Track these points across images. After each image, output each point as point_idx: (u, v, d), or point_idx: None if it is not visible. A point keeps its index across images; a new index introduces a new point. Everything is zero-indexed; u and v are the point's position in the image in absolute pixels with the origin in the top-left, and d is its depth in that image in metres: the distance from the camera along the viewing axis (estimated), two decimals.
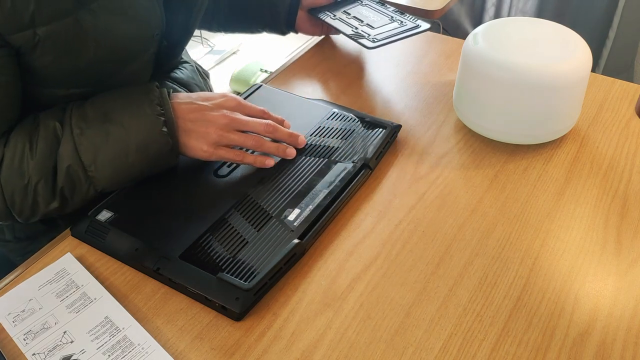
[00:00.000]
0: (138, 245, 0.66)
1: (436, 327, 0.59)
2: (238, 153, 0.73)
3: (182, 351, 0.58)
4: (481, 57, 0.77)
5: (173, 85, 0.89)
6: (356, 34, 0.90)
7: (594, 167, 0.77)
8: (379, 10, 0.96)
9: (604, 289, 0.62)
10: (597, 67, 2.24)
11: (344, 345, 0.58)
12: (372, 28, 0.91)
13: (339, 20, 0.94)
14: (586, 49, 0.77)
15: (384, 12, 0.95)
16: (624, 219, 0.70)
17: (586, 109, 0.87)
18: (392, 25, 0.91)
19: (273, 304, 0.62)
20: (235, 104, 0.74)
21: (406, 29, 0.90)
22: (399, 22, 0.91)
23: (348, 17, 0.95)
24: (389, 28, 0.90)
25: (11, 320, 0.61)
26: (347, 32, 0.91)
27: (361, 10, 0.96)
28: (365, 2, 0.98)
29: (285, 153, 0.75)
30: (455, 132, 0.84)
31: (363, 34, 0.89)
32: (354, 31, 0.90)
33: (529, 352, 0.57)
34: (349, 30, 0.91)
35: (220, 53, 2.75)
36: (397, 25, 0.91)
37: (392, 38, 0.88)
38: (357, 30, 0.90)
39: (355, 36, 0.89)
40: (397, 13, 0.95)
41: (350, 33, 0.90)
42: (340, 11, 0.96)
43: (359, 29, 0.91)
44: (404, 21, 0.92)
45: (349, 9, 0.97)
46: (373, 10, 0.96)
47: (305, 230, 0.66)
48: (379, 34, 0.89)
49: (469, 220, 0.71)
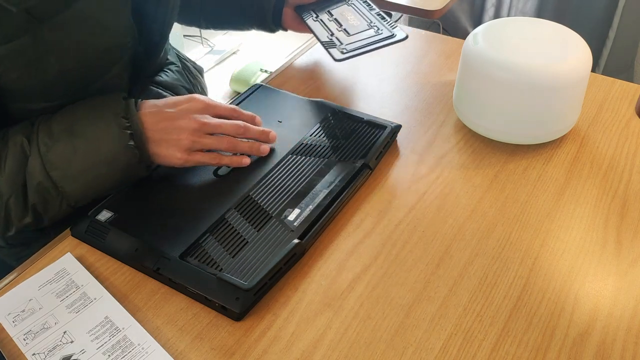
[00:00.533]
0: (138, 245, 0.66)
1: (436, 327, 0.59)
2: (214, 156, 0.73)
3: (182, 351, 0.58)
4: (481, 57, 0.77)
5: (157, 89, 0.88)
6: (329, 42, 0.86)
7: (594, 167, 0.77)
8: (361, 12, 0.91)
9: (604, 289, 0.62)
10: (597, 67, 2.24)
11: (344, 345, 0.58)
12: (347, 35, 0.86)
13: (319, 22, 0.91)
14: (586, 49, 0.77)
15: (365, 16, 0.90)
16: (624, 219, 0.70)
17: (586, 109, 0.87)
18: (368, 32, 0.86)
19: (273, 304, 0.62)
20: (203, 106, 0.73)
21: (380, 38, 0.84)
22: (375, 29, 0.86)
23: (329, 19, 0.90)
24: (364, 36, 0.85)
25: (11, 320, 0.61)
26: (321, 39, 0.87)
27: (344, 12, 0.92)
28: (351, 2, 0.94)
29: (259, 151, 0.75)
30: (455, 132, 0.84)
31: (335, 42, 0.85)
32: (329, 38, 0.86)
33: (529, 352, 0.57)
34: (325, 37, 0.87)
35: (220, 53, 2.75)
36: (372, 33, 0.85)
37: (363, 49, 0.83)
38: (331, 37, 0.86)
39: (327, 45, 0.85)
40: (378, 17, 0.89)
41: (324, 40, 0.87)
42: (325, 11, 0.93)
43: (335, 35, 0.87)
44: (381, 28, 0.86)
45: (333, 9, 0.93)
46: (356, 12, 0.91)
47: (305, 230, 0.66)
48: (350, 43, 0.84)
49: (469, 220, 0.71)
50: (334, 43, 0.85)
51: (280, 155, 0.77)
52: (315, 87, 0.95)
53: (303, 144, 0.78)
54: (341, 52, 0.81)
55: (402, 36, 0.82)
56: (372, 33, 0.85)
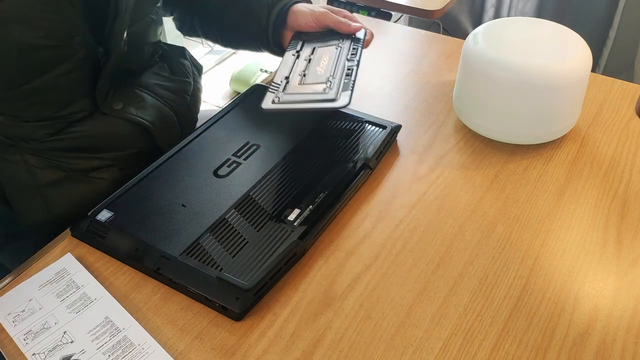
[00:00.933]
0: (138, 245, 0.66)
1: (436, 327, 0.59)
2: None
3: (182, 351, 0.58)
4: (481, 57, 0.77)
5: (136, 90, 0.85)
6: (276, 85, 0.77)
7: (594, 167, 0.77)
8: (338, 59, 0.81)
9: (604, 289, 0.62)
10: (597, 67, 2.24)
11: (344, 345, 0.58)
12: (299, 83, 0.77)
13: (295, 57, 0.83)
14: (586, 49, 0.77)
15: (336, 65, 0.80)
16: (624, 219, 0.70)
17: (586, 109, 0.87)
18: (317, 87, 0.76)
19: (273, 304, 0.62)
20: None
21: (320, 99, 0.73)
22: (327, 85, 0.75)
23: (307, 57, 0.82)
24: (310, 90, 0.76)
25: (11, 320, 0.61)
26: (274, 79, 0.79)
27: (326, 53, 0.83)
28: (343, 42, 0.84)
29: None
30: (455, 132, 0.84)
31: (279, 87, 0.76)
32: (282, 80, 0.78)
33: (529, 352, 0.57)
34: (280, 76, 0.79)
35: (220, 53, 2.75)
36: (320, 89, 0.75)
37: (294, 105, 0.74)
38: (285, 79, 0.78)
39: (271, 88, 0.77)
40: (344, 71, 0.77)
41: (275, 82, 0.78)
42: (312, 45, 0.85)
43: (290, 77, 0.78)
44: (333, 87, 0.75)
45: (320, 46, 0.85)
46: (335, 56, 0.82)
47: (305, 230, 0.66)
48: (291, 94, 0.75)
49: (469, 221, 0.71)
50: (277, 87, 0.76)
51: (280, 155, 0.77)
52: None
53: (303, 144, 0.78)
54: (272, 102, 0.74)
55: (343, 104, 0.71)
56: (319, 89, 0.75)
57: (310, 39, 0.87)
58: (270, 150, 0.77)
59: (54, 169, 0.77)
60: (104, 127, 0.79)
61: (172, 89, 0.90)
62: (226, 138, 0.80)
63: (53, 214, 0.77)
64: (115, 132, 0.80)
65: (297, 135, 0.80)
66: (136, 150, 0.82)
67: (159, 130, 0.83)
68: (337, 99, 0.71)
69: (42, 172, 0.76)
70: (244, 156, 0.77)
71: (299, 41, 0.86)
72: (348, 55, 0.80)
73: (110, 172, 0.80)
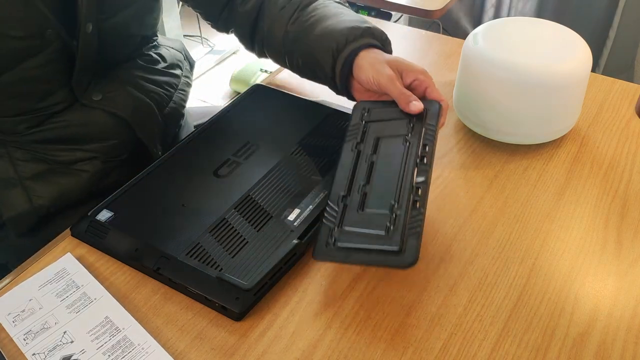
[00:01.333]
0: (138, 245, 0.66)
1: (436, 327, 0.59)
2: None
3: (182, 351, 0.58)
4: (481, 57, 0.77)
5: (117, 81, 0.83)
6: (332, 212, 0.63)
7: (594, 167, 0.77)
8: (403, 167, 0.64)
9: (604, 289, 0.62)
10: (597, 67, 2.24)
11: (344, 345, 0.58)
12: (358, 210, 0.62)
13: (357, 153, 0.68)
14: (586, 49, 0.77)
15: (401, 178, 0.63)
16: (624, 219, 0.70)
17: (586, 109, 0.87)
18: (379, 221, 0.60)
19: (273, 304, 0.62)
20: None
21: (382, 248, 0.59)
22: (389, 222, 0.60)
23: (371, 154, 0.67)
24: (369, 228, 0.60)
25: (11, 320, 0.61)
26: (333, 193, 0.65)
27: (391, 153, 0.66)
28: (409, 137, 0.67)
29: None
30: (455, 132, 0.84)
31: (336, 215, 0.63)
32: (341, 200, 0.64)
33: (529, 352, 0.57)
34: (339, 191, 0.65)
35: (220, 53, 2.75)
36: (382, 227, 0.60)
37: (351, 258, 0.60)
38: (344, 198, 0.64)
39: (327, 213, 0.63)
40: (410, 203, 0.61)
41: (332, 199, 0.64)
42: (376, 134, 0.69)
43: (349, 198, 0.64)
44: (391, 227, 0.60)
45: (385, 137, 0.68)
46: (400, 164, 0.65)
47: (305, 230, 0.66)
48: (348, 232, 0.61)
49: (469, 221, 0.70)
50: (334, 216, 0.63)
51: (280, 155, 0.76)
52: (315, 87, 0.94)
53: (303, 144, 0.78)
54: (326, 244, 0.61)
55: (409, 261, 0.57)
56: (382, 229, 0.60)
57: (374, 117, 0.71)
58: (270, 150, 0.77)
59: (38, 162, 0.78)
60: (83, 117, 0.80)
61: (158, 81, 0.89)
62: (226, 138, 0.80)
63: (35, 206, 0.78)
64: (95, 122, 0.80)
65: (297, 135, 0.80)
66: (117, 141, 0.82)
67: (137, 123, 0.83)
68: (402, 251, 0.58)
69: (26, 164, 0.78)
70: (244, 156, 0.77)
71: (360, 123, 0.71)
72: (418, 155, 0.65)
73: (92, 164, 0.81)
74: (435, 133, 0.67)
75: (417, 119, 0.68)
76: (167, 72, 0.92)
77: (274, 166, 0.75)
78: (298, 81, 0.96)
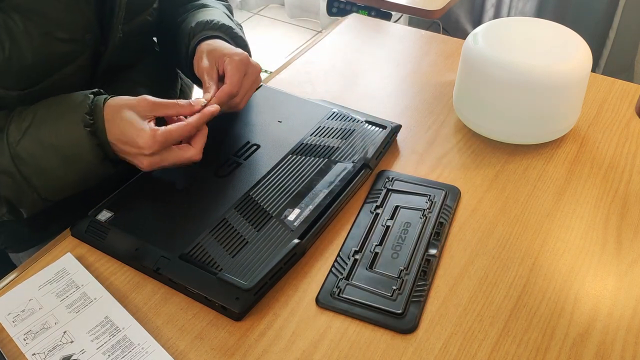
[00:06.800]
0: (138, 245, 0.66)
1: (436, 327, 0.59)
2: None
3: (182, 351, 0.58)
4: (481, 57, 0.77)
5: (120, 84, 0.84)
6: (341, 263, 0.65)
7: (594, 167, 0.77)
8: (418, 239, 0.67)
9: (604, 289, 0.62)
10: (597, 67, 2.24)
11: (344, 345, 0.58)
12: (368, 268, 0.65)
13: (375, 215, 0.70)
14: (586, 49, 0.77)
15: (414, 249, 0.66)
16: (624, 219, 0.70)
17: (586, 109, 0.87)
18: (386, 283, 0.63)
19: (273, 304, 0.62)
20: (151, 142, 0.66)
21: (383, 308, 0.61)
22: (396, 286, 0.62)
23: (388, 220, 0.70)
24: (376, 286, 0.63)
25: (11, 320, 0.61)
26: (345, 247, 0.67)
27: (408, 224, 0.69)
28: (428, 212, 0.70)
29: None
30: (455, 132, 0.84)
31: (345, 268, 0.65)
32: (352, 254, 0.66)
33: (529, 352, 0.57)
34: (352, 245, 0.67)
35: None
36: (389, 289, 0.62)
37: (351, 309, 0.61)
38: (356, 254, 0.66)
39: (337, 264, 0.65)
40: (418, 274, 0.64)
41: (344, 252, 0.66)
42: (396, 202, 0.72)
43: (360, 256, 0.66)
44: (397, 291, 0.62)
45: (405, 206, 0.71)
46: (415, 235, 0.68)
47: (305, 230, 0.66)
48: (355, 286, 0.63)
49: (469, 220, 0.70)
50: (343, 269, 0.65)
51: (280, 155, 0.76)
52: (315, 87, 0.95)
53: (303, 144, 0.78)
54: (330, 294, 0.63)
55: (407, 327, 0.59)
56: (388, 290, 0.62)
57: (397, 187, 0.74)
58: (270, 150, 0.77)
59: None
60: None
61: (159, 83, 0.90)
62: (226, 138, 0.80)
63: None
64: None
65: (297, 135, 0.80)
66: None
67: None
68: (403, 316, 0.60)
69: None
70: (244, 156, 0.77)
71: (382, 190, 0.73)
72: (433, 231, 0.68)
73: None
74: (452, 214, 0.71)
75: (437, 197, 0.72)
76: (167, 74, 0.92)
77: (274, 166, 0.75)
78: (298, 81, 0.96)
